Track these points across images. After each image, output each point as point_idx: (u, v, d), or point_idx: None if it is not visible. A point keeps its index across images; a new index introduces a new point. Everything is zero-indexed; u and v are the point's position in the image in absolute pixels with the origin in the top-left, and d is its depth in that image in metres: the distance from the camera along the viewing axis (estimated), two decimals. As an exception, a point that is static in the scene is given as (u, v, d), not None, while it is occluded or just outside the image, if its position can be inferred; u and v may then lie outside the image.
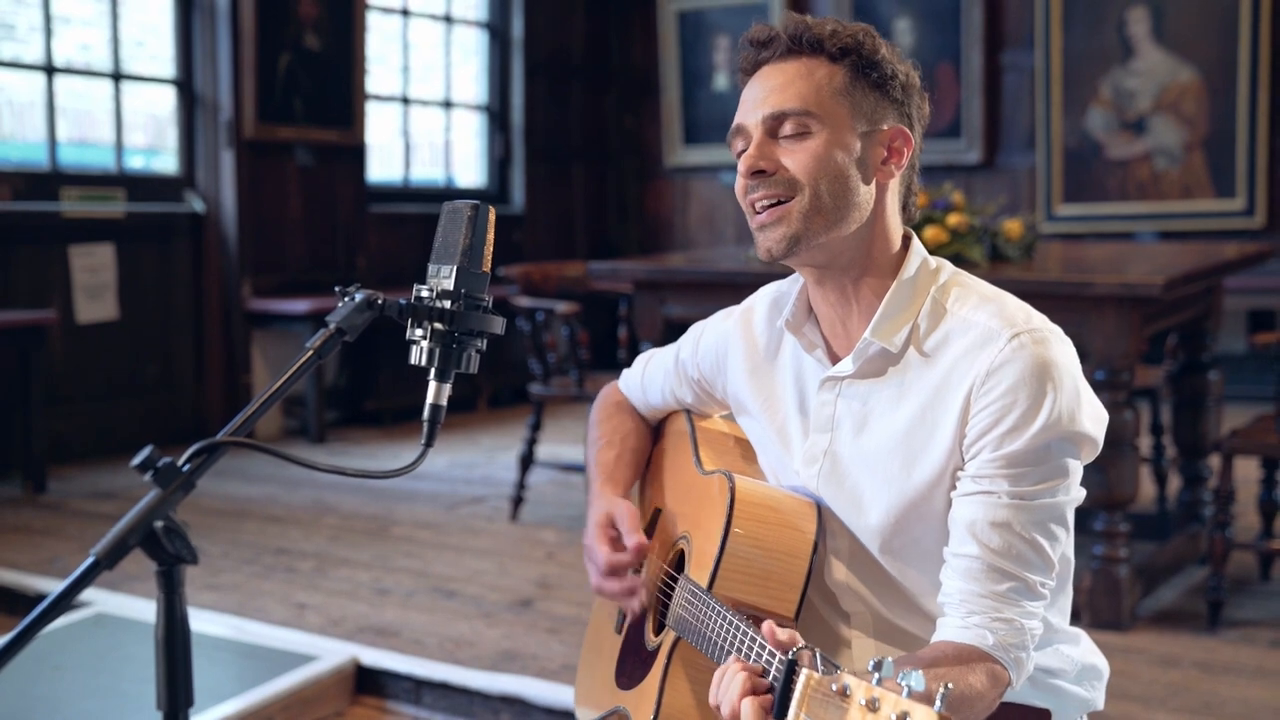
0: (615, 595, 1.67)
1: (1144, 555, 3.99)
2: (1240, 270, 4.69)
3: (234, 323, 6.79)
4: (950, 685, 1.05)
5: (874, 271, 1.54)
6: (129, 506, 5.37)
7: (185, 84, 6.72)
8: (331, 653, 3.48)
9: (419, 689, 3.41)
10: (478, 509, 5.27)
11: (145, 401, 6.49)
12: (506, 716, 3.28)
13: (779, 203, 1.49)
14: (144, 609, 3.85)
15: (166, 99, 6.75)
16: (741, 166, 1.52)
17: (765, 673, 1.26)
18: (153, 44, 6.71)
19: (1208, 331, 4.40)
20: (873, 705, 1.06)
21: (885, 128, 1.52)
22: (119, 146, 6.51)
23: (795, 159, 1.48)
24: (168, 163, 6.80)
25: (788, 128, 1.49)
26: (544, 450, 5.53)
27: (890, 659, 1.09)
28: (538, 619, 3.85)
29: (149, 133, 6.87)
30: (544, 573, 4.33)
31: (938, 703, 1.03)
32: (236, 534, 4.83)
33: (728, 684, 1.28)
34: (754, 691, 1.25)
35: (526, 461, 5.00)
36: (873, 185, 1.52)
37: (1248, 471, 4.39)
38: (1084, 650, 1.63)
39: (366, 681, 3.46)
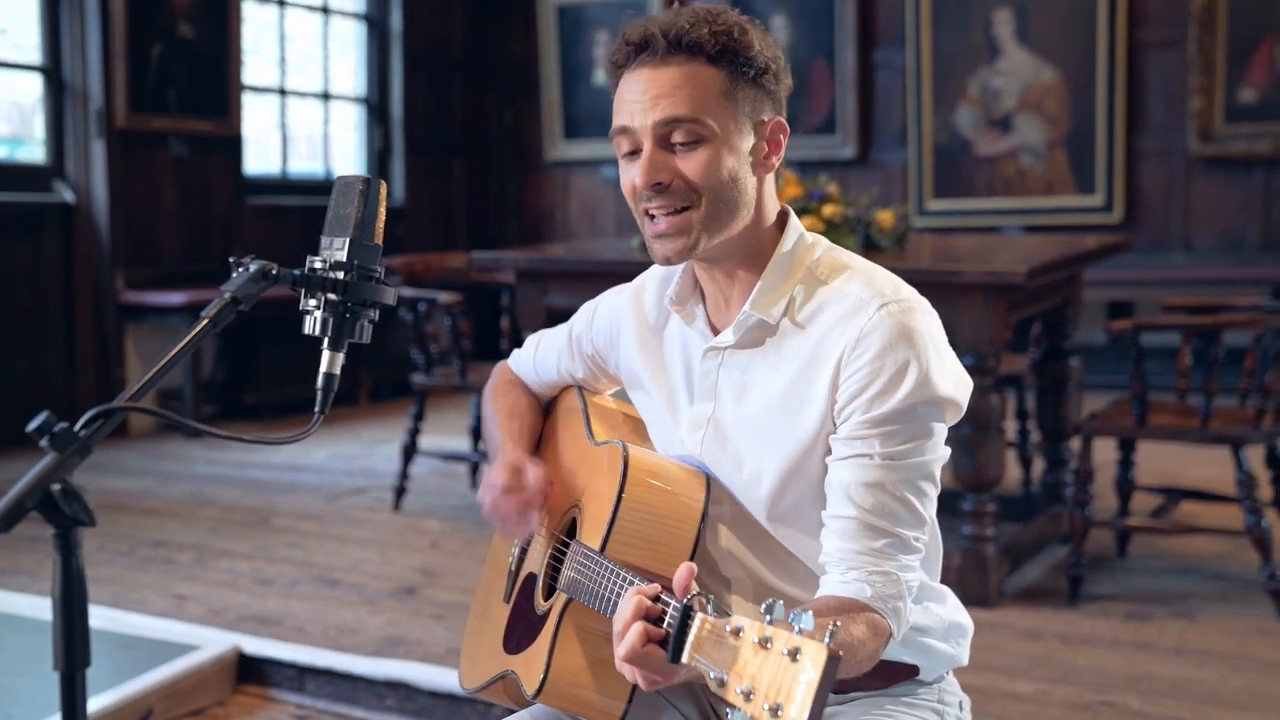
0: (511, 512, 1.70)
1: (1010, 535, 4.15)
2: (1100, 260, 4.89)
3: (106, 316, 6.65)
4: (838, 624, 1.12)
5: (757, 254, 1.61)
6: (-1, 500, 5.17)
7: (53, 72, 6.57)
8: (212, 642, 3.45)
9: (302, 676, 3.40)
10: (359, 500, 5.25)
11: (14, 396, 6.32)
12: (391, 701, 3.29)
13: (678, 210, 1.54)
14: (7, 601, 3.78)
15: (32, 87, 6.59)
16: (640, 179, 1.55)
17: (662, 618, 1.30)
18: (16, 31, 6.54)
19: (1069, 320, 4.59)
20: (765, 643, 1.12)
21: (765, 119, 1.58)
22: (-17, 135, 6.35)
23: (691, 167, 1.53)
24: (34, 152, 6.64)
25: (679, 135, 1.53)
26: (426, 441, 5.52)
27: (781, 603, 1.15)
28: (422, 605, 3.86)
29: (13, 121, 6.70)
30: (427, 561, 4.34)
31: (827, 638, 1.09)
32: (112, 526, 4.75)
33: (623, 608, 1.33)
34: (647, 618, 1.30)
35: (409, 451, 5.00)
36: (755, 178, 1.58)
37: (1106, 455, 4.58)
38: (950, 609, 1.72)
39: (249, 670, 3.44)
